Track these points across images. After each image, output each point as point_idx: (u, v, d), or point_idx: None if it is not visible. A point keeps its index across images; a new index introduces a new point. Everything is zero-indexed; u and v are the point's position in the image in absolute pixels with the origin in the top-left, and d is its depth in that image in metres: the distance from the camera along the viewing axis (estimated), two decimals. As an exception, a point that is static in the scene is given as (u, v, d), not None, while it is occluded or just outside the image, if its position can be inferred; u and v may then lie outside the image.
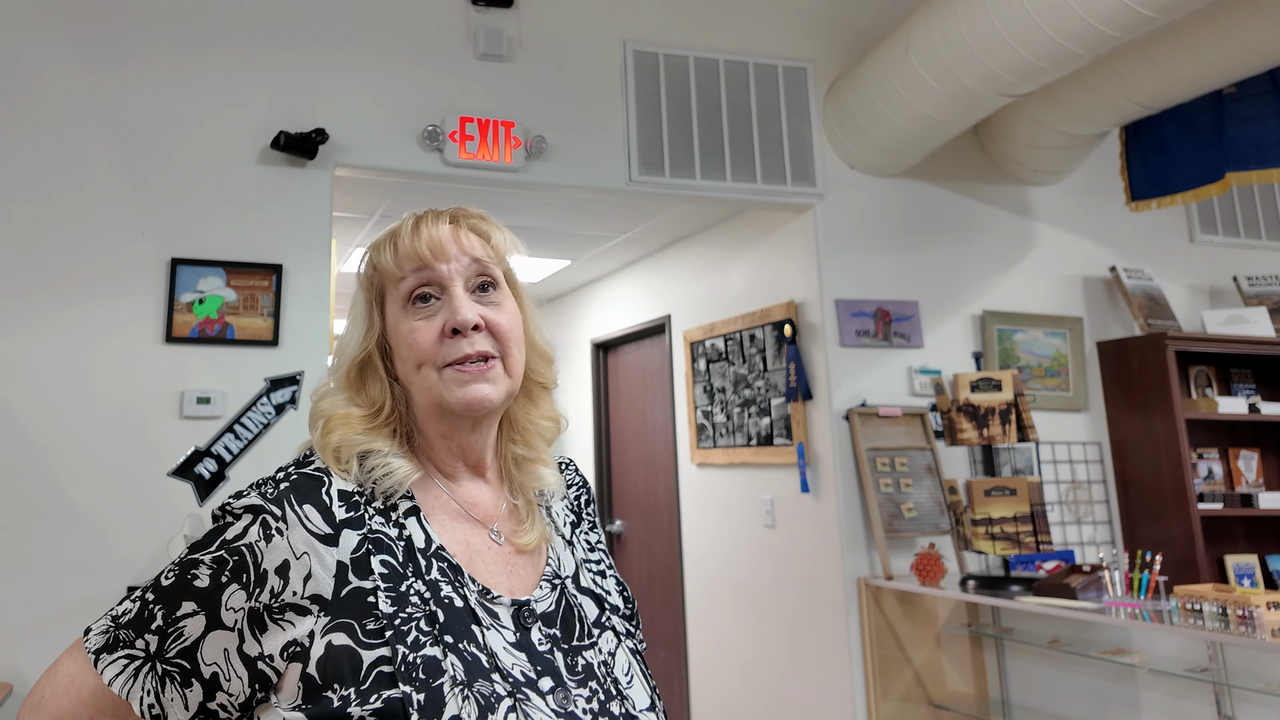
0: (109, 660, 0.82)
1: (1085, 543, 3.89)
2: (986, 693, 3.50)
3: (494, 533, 0.96)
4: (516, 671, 0.84)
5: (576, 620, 0.93)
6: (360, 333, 0.96)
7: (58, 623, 2.63)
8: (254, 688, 0.80)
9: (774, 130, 3.68)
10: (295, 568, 0.81)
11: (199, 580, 0.81)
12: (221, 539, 0.83)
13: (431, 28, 3.31)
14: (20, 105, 2.83)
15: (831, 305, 3.67)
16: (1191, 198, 3.79)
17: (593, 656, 0.91)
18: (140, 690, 0.81)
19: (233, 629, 0.80)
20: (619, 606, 1.00)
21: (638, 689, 0.92)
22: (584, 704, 0.86)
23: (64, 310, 2.77)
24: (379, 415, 0.93)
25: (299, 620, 0.80)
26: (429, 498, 0.93)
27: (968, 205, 4.02)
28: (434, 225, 0.95)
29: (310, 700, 0.78)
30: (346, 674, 0.78)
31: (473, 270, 0.95)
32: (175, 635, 0.81)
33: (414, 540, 0.88)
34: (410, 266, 0.93)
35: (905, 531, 3.45)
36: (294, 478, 0.87)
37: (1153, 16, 2.65)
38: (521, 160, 3.28)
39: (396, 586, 0.83)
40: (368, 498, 0.88)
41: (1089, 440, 4.00)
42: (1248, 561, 3.88)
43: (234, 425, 2.87)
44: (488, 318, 0.93)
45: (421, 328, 0.92)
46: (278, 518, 0.83)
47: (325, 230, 3.07)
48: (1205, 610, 2.47)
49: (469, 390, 0.91)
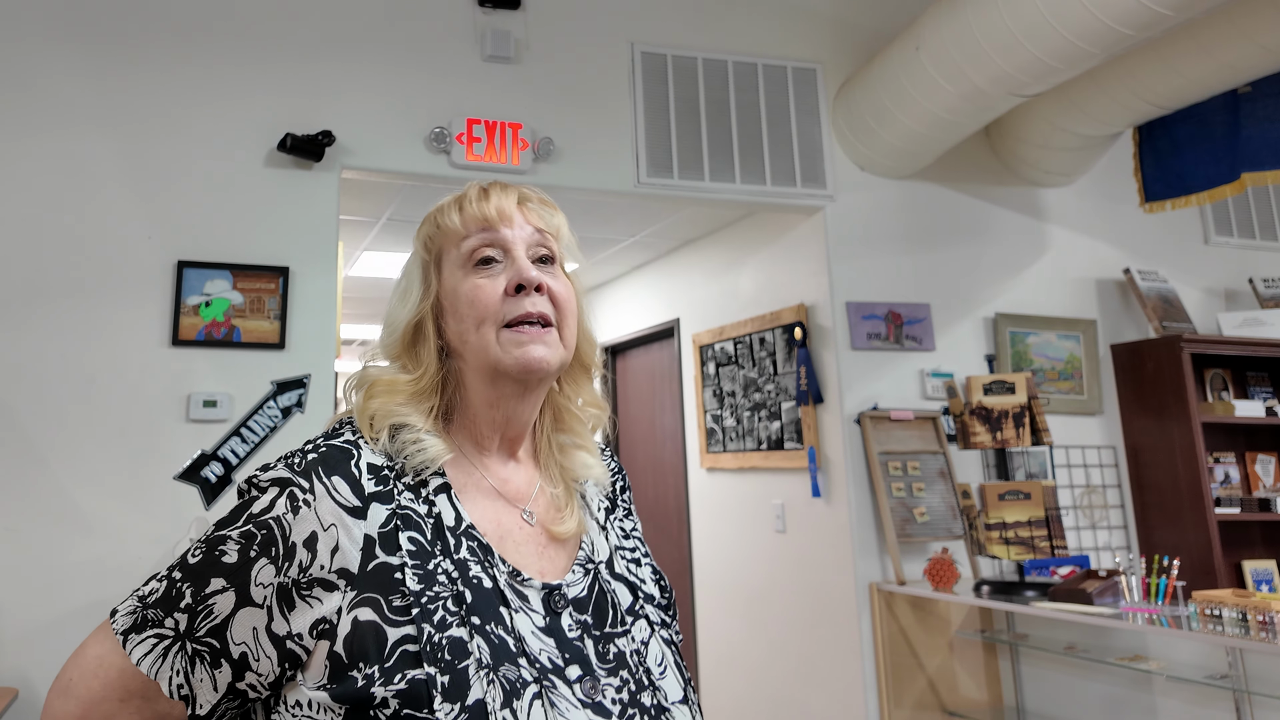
0: (137, 640, 0.80)
1: (1101, 547, 3.84)
2: (1001, 700, 3.45)
3: (525, 513, 0.94)
4: (544, 657, 0.82)
5: (609, 606, 0.91)
6: (417, 295, 0.95)
7: (63, 627, 2.61)
8: (283, 667, 0.79)
9: (783, 132, 3.66)
10: (323, 540, 0.79)
11: (227, 556, 0.79)
12: (248, 513, 0.81)
13: (438, 30, 3.30)
14: (28, 108, 2.82)
15: (842, 308, 3.64)
16: (1206, 199, 3.75)
17: (625, 645, 0.89)
18: (169, 670, 0.79)
19: (262, 606, 0.78)
20: (654, 595, 0.98)
21: (671, 680, 0.90)
22: (613, 693, 0.83)
23: (70, 313, 2.77)
24: (423, 379, 0.92)
25: (326, 596, 0.78)
26: (461, 475, 0.92)
27: (979, 207, 3.98)
28: (502, 194, 0.97)
29: (335, 679, 0.76)
30: (371, 651, 0.76)
31: (535, 239, 0.96)
32: (205, 613, 0.79)
33: (443, 518, 0.86)
34: (476, 227, 0.94)
35: (918, 536, 3.41)
36: (322, 449, 0.85)
37: (1167, 14, 2.61)
38: (529, 162, 3.26)
39: (424, 564, 0.81)
40: (398, 472, 0.86)
41: (1103, 444, 3.96)
42: (1266, 567, 3.82)
43: (240, 428, 2.85)
44: (546, 282, 0.93)
45: (484, 284, 0.92)
46: (305, 489, 0.81)
47: (332, 233, 3.06)
48: (1225, 616, 2.43)
49: (526, 350, 0.90)
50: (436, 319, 0.95)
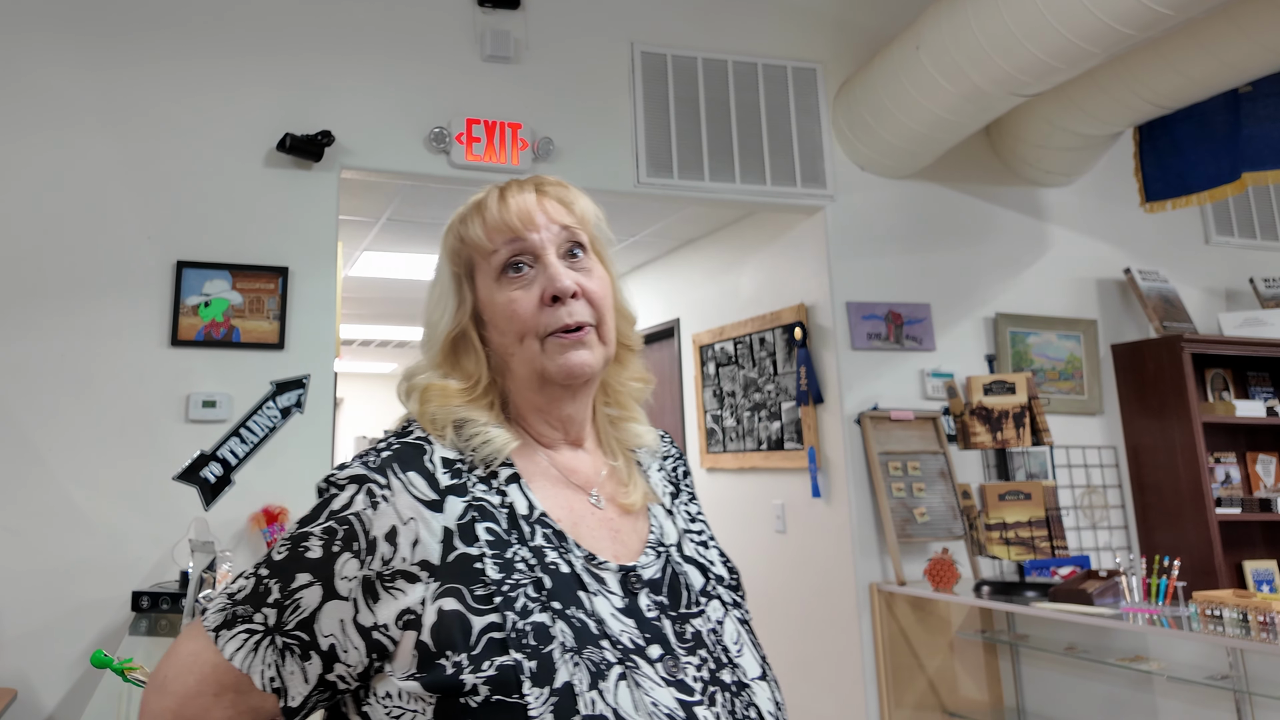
0: (229, 636, 0.82)
1: (1101, 548, 3.83)
2: (1001, 700, 3.45)
3: (595, 497, 0.95)
4: (625, 638, 0.83)
5: (682, 588, 0.92)
6: (452, 308, 0.95)
7: (62, 628, 2.61)
8: (371, 658, 0.80)
9: (783, 131, 3.65)
10: (403, 534, 0.81)
11: (311, 551, 0.81)
12: (329, 510, 0.83)
13: (438, 29, 3.29)
14: (26, 107, 2.82)
15: (842, 308, 3.63)
16: (1207, 198, 3.75)
17: (701, 624, 0.90)
18: (261, 664, 0.81)
19: (348, 598, 0.80)
20: (723, 576, 0.99)
21: (748, 658, 0.91)
22: (693, 671, 0.84)
23: (69, 313, 2.76)
24: (475, 388, 0.93)
25: (409, 588, 0.80)
26: (528, 464, 0.93)
27: (979, 207, 3.98)
28: (520, 194, 0.95)
29: (425, 669, 0.77)
30: (458, 640, 0.77)
31: (562, 237, 0.95)
32: (293, 607, 0.80)
33: (516, 507, 0.87)
34: (502, 239, 0.93)
35: (918, 536, 3.41)
36: (395, 447, 0.87)
37: (1168, 14, 2.61)
38: (528, 162, 3.26)
39: (502, 553, 0.83)
40: (469, 465, 0.88)
41: (1104, 444, 3.95)
42: (1267, 567, 3.82)
43: (240, 429, 2.85)
44: (582, 284, 0.93)
45: (520, 298, 0.92)
46: (382, 485, 0.82)
47: (331, 233, 3.06)
48: (1225, 616, 2.42)
49: (570, 357, 0.91)
50: (478, 328, 0.95)
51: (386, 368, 10.44)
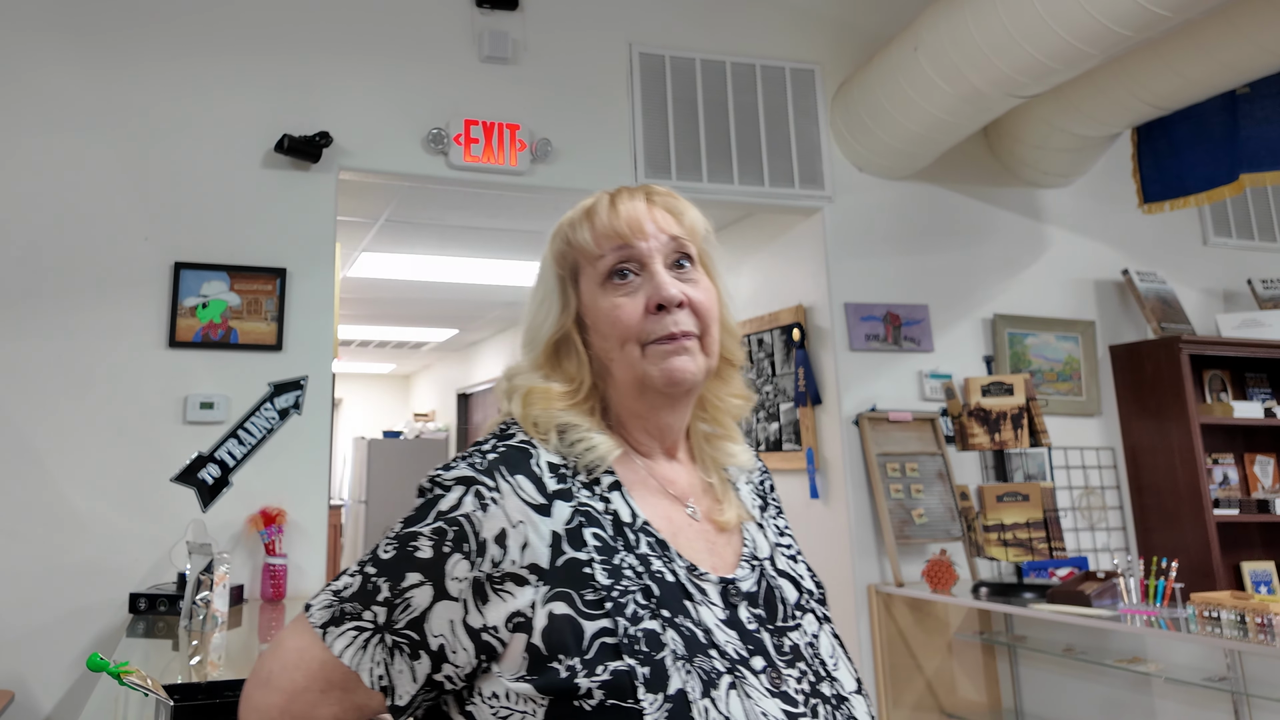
0: (337, 633, 0.82)
1: (1099, 549, 3.84)
2: (999, 702, 3.45)
3: (691, 509, 0.95)
4: (730, 649, 0.83)
5: (778, 602, 0.92)
6: (556, 310, 0.96)
7: (60, 630, 2.61)
8: (480, 659, 0.80)
9: (781, 133, 3.65)
10: (512, 536, 0.81)
11: (421, 551, 0.81)
12: (436, 510, 0.82)
13: (436, 30, 3.29)
14: (24, 108, 2.82)
15: (840, 309, 3.63)
16: (1205, 199, 3.75)
17: (798, 638, 0.90)
18: (370, 662, 0.81)
19: (458, 599, 0.80)
20: (813, 590, 1.00)
21: (844, 671, 0.91)
22: (794, 684, 0.84)
23: (66, 315, 2.76)
24: (578, 392, 0.94)
25: (518, 591, 0.79)
26: (628, 472, 0.93)
27: (977, 208, 3.98)
28: (630, 202, 0.96)
29: (536, 671, 0.77)
30: (570, 644, 0.77)
31: (670, 247, 0.95)
32: (403, 606, 0.80)
33: (620, 514, 0.88)
34: (610, 245, 0.93)
35: (916, 538, 3.41)
36: (501, 450, 0.86)
37: (1165, 15, 2.61)
38: (526, 163, 3.26)
39: (610, 559, 0.83)
40: (573, 470, 0.88)
41: (1102, 445, 3.96)
42: (1265, 568, 3.82)
43: (237, 430, 2.85)
44: (688, 294, 0.93)
45: (624, 304, 0.92)
46: (490, 488, 0.82)
47: (329, 234, 3.05)
48: (1223, 618, 2.43)
49: (672, 365, 0.90)
50: (581, 332, 0.95)
51: (385, 368, 10.44)
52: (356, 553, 8.45)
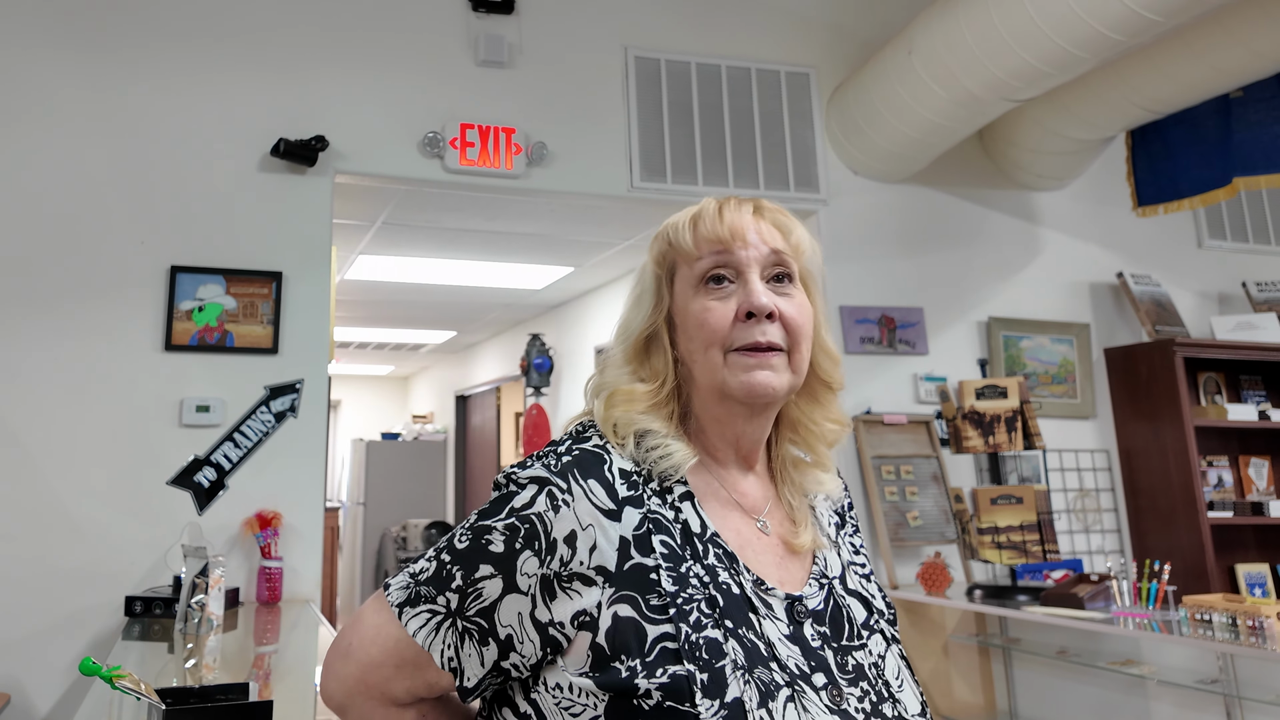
0: (412, 614, 0.85)
1: (1093, 551, 3.85)
2: (994, 704, 3.46)
3: (761, 523, 0.96)
4: (791, 664, 0.84)
5: (845, 621, 0.93)
6: (649, 307, 0.97)
7: (55, 633, 2.61)
8: (545, 651, 0.82)
9: (777, 136, 3.66)
10: (582, 538, 0.82)
11: (493, 545, 0.84)
12: (510, 507, 0.85)
13: (432, 34, 3.30)
14: (20, 111, 2.83)
15: (835, 312, 3.64)
16: (1199, 203, 3.76)
17: (863, 658, 0.90)
18: (441, 643, 0.84)
19: (526, 594, 0.82)
20: (883, 610, 1.00)
21: (908, 694, 0.92)
22: (855, 703, 0.85)
23: (63, 318, 2.77)
24: (661, 390, 0.94)
25: (585, 590, 0.81)
26: (701, 482, 0.93)
27: (972, 211, 3.99)
28: (737, 211, 0.96)
29: (598, 669, 0.80)
30: (633, 646, 0.79)
31: (770, 260, 0.95)
32: (475, 594, 0.83)
33: (690, 524, 0.88)
34: (709, 248, 0.94)
35: (911, 540, 3.42)
36: (575, 453, 0.88)
37: (1157, 20, 2.62)
38: (522, 167, 3.27)
39: (676, 567, 0.84)
40: (645, 477, 0.89)
41: (1096, 448, 3.97)
42: (1259, 570, 3.83)
43: (233, 433, 2.85)
44: (780, 307, 0.93)
45: (715, 308, 0.92)
46: (563, 490, 0.84)
47: (325, 237, 3.06)
48: (1215, 620, 2.44)
49: (753, 375, 0.90)
50: (670, 331, 0.97)
51: (383, 370, 10.44)
52: (355, 555, 8.44)
